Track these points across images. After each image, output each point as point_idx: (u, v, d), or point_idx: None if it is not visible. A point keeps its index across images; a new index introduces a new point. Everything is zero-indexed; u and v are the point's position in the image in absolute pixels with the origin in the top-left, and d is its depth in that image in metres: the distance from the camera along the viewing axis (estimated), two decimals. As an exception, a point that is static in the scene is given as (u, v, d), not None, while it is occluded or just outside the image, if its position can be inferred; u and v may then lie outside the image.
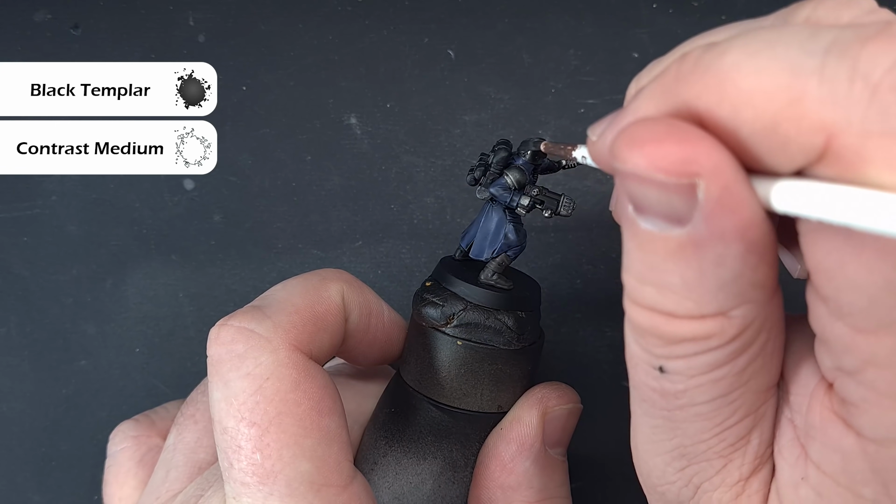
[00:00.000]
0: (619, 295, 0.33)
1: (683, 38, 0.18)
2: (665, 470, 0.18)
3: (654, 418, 0.17)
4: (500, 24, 0.34)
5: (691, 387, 0.16)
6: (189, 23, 0.35)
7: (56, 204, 0.36)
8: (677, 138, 0.13)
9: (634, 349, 0.16)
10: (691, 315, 0.15)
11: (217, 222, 0.36)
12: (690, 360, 0.15)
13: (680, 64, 0.14)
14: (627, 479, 0.36)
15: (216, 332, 0.22)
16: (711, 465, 0.17)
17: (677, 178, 0.13)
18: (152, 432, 0.29)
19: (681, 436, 0.17)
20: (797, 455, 0.17)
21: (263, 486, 0.20)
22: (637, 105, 0.15)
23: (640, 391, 0.17)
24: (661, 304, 0.15)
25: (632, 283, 0.15)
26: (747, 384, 0.16)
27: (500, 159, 0.24)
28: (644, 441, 0.18)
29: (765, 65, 0.13)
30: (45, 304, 0.36)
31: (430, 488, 0.24)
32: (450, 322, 0.24)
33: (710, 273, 0.14)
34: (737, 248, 0.14)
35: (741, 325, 0.15)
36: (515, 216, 0.25)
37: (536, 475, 0.24)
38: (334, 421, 0.22)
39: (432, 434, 0.24)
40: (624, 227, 0.15)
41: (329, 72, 0.35)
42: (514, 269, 0.27)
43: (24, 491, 0.37)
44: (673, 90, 0.14)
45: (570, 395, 0.26)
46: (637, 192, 0.14)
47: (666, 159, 0.13)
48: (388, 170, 0.35)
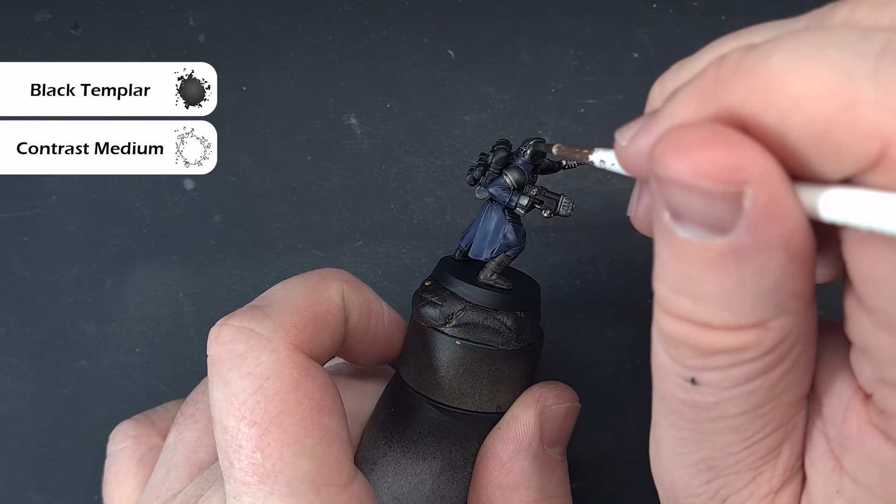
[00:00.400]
0: (620, 295, 0.33)
1: (683, 38, 0.18)
2: (690, 482, 0.18)
3: (680, 430, 0.17)
4: (500, 24, 0.34)
5: (724, 399, 0.15)
6: (189, 23, 0.35)
7: (56, 204, 0.36)
8: (724, 144, 0.13)
9: (664, 360, 0.16)
10: (728, 326, 0.14)
11: (217, 222, 0.36)
12: (725, 371, 0.15)
13: (719, 66, 0.14)
14: (628, 479, 0.36)
15: (216, 331, 0.22)
16: (740, 477, 0.17)
17: (724, 185, 0.13)
18: (152, 432, 0.29)
19: (709, 448, 0.17)
20: (831, 467, 0.16)
21: (264, 485, 0.20)
22: (673, 109, 0.15)
23: (667, 402, 0.17)
24: (697, 315, 0.14)
25: (665, 292, 0.15)
26: (780, 396, 0.16)
27: (500, 159, 0.24)
28: (668, 453, 0.18)
29: (815, 68, 0.12)
30: (45, 304, 0.36)
31: (430, 488, 0.24)
32: (448, 322, 0.24)
33: (750, 283, 0.14)
34: (779, 258, 0.13)
35: (778, 336, 0.14)
36: (515, 216, 0.25)
37: (535, 474, 0.24)
38: (335, 420, 0.22)
39: (431, 434, 0.24)
40: (658, 236, 0.14)
41: (329, 72, 0.35)
42: (514, 269, 0.27)
43: (24, 491, 0.37)
44: (713, 94, 0.14)
45: (567, 393, 0.25)
46: (678, 200, 0.13)
47: (712, 166, 0.13)
48: (388, 170, 0.35)
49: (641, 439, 0.30)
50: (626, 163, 0.17)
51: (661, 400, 0.17)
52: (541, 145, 0.24)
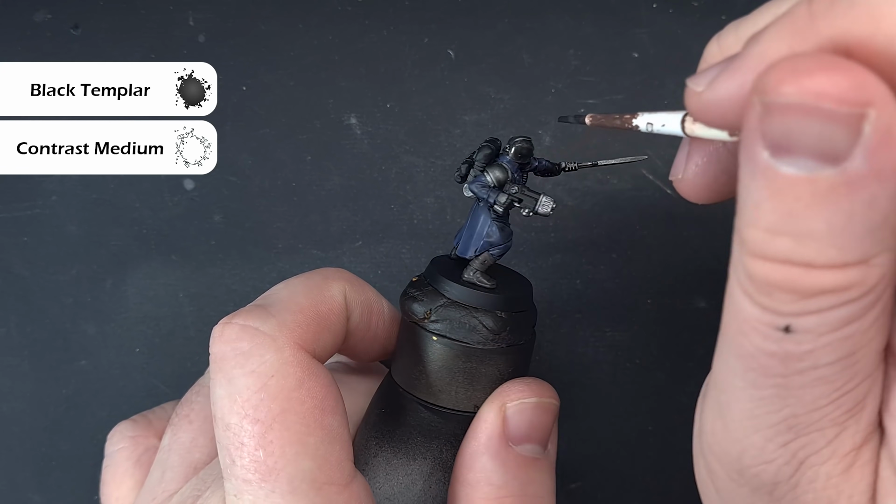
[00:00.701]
0: (620, 295, 0.33)
1: (683, 38, 0.18)
2: (765, 447, 0.17)
3: (762, 389, 0.16)
4: (500, 24, 0.34)
5: (819, 346, 0.15)
6: (189, 23, 0.35)
7: (56, 204, 0.36)
8: (845, 68, 0.13)
9: (751, 311, 0.15)
10: (834, 264, 0.14)
11: (217, 222, 0.36)
12: (824, 315, 0.14)
13: (811, 3, 0.14)
14: (627, 478, 0.36)
15: (220, 329, 0.22)
16: (823, 434, 0.16)
17: (849, 107, 0.13)
18: (149, 432, 0.29)
19: (794, 405, 0.16)
20: None
21: (265, 483, 0.20)
22: (762, 49, 0.14)
23: (750, 359, 0.16)
24: (800, 255, 0.14)
25: (759, 236, 0.14)
26: (870, 343, 0.15)
27: (483, 157, 0.24)
28: (742, 417, 0.17)
29: None
30: (45, 304, 0.36)
31: (421, 488, 0.24)
32: (428, 317, 0.24)
33: (859, 216, 0.13)
34: (892, 188, 0.13)
35: (879, 273, 0.14)
36: (500, 214, 0.25)
37: (496, 472, 0.24)
38: (336, 420, 0.22)
39: (422, 435, 0.24)
40: (752, 177, 0.14)
41: (329, 72, 0.35)
42: (509, 270, 0.27)
43: (24, 491, 0.37)
44: (810, 28, 0.14)
45: (536, 389, 0.25)
46: (789, 129, 0.13)
47: (837, 87, 0.12)
48: (388, 170, 0.35)
49: (642, 439, 0.30)
50: (704, 109, 0.16)
51: (741, 357, 0.16)
52: (524, 143, 0.24)
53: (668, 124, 0.18)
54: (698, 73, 0.16)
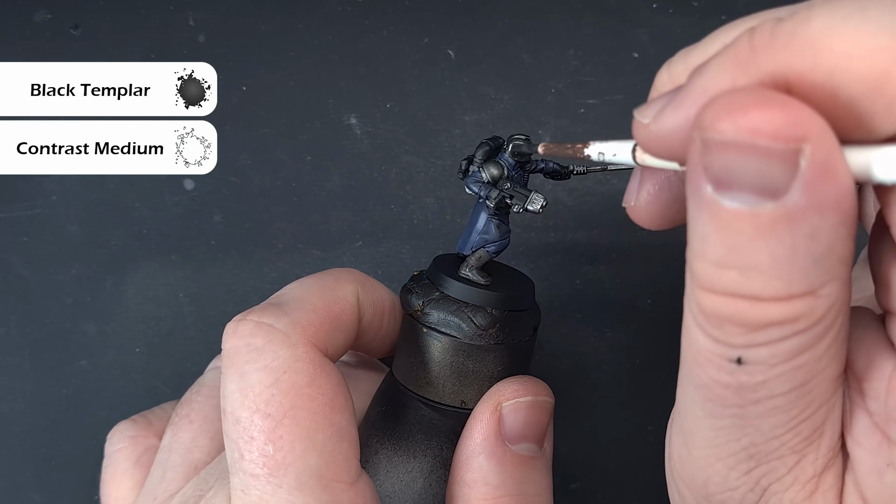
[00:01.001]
0: (620, 295, 0.33)
1: (683, 38, 0.18)
2: (728, 475, 0.17)
3: (720, 418, 0.16)
4: (500, 24, 0.34)
5: (771, 377, 0.15)
6: (189, 23, 0.35)
7: (56, 204, 0.36)
8: (780, 104, 0.13)
9: (704, 343, 0.15)
10: (780, 296, 0.14)
11: (217, 222, 0.36)
12: (774, 346, 0.15)
13: (752, 36, 0.14)
14: (627, 478, 0.36)
15: (234, 326, 0.22)
16: (784, 462, 0.16)
17: (784, 143, 0.13)
18: (149, 432, 0.29)
19: (752, 434, 0.16)
20: (878, 442, 0.16)
21: (273, 477, 0.20)
22: (705, 81, 0.15)
23: (706, 390, 0.16)
24: (746, 288, 0.14)
25: (707, 269, 0.14)
26: (824, 371, 0.15)
27: (482, 154, 0.25)
28: (704, 446, 0.17)
29: (862, 26, 0.12)
30: (45, 304, 0.36)
31: (421, 486, 0.24)
32: (421, 309, 0.25)
33: (802, 248, 0.13)
34: (832, 220, 0.13)
35: (827, 304, 0.14)
36: (501, 212, 0.25)
37: (493, 471, 0.24)
38: (345, 418, 0.22)
39: (422, 432, 0.25)
40: (698, 212, 0.14)
41: (329, 72, 0.35)
42: (514, 270, 0.27)
43: (24, 491, 0.37)
44: (751, 62, 0.14)
45: (530, 387, 0.25)
46: (728, 165, 0.13)
47: (771, 124, 0.13)
48: (388, 170, 0.35)
49: (642, 439, 0.30)
50: (651, 142, 0.16)
51: (699, 388, 0.16)
52: (520, 141, 0.24)
53: (619, 154, 0.19)
54: (646, 105, 0.16)
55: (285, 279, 0.36)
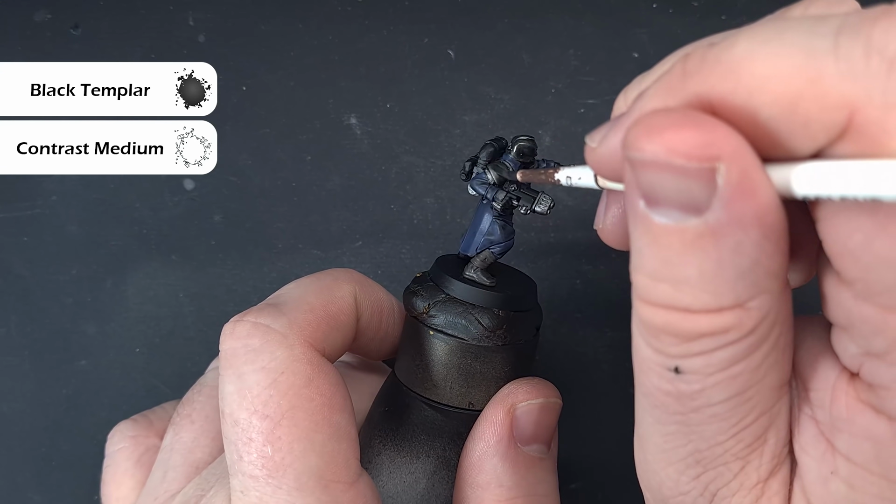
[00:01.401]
0: (620, 295, 0.33)
1: (683, 37, 0.18)
2: (679, 480, 0.18)
3: (667, 425, 0.17)
4: (500, 24, 0.34)
5: (708, 385, 0.15)
6: (189, 23, 0.35)
7: (56, 204, 0.36)
8: (695, 124, 0.13)
9: (646, 352, 0.16)
10: (709, 308, 0.14)
11: (217, 222, 0.36)
12: (708, 356, 0.15)
13: (685, 62, 0.14)
14: (627, 478, 0.36)
15: (231, 327, 0.22)
16: (729, 468, 0.17)
17: (698, 162, 0.13)
18: (150, 432, 0.29)
19: (696, 440, 0.17)
20: (823, 450, 0.17)
21: (272, 478, 0.20)
22: (641, 105, 0.15)
23: (651, 397, 0.17)
24: (677, 300, 0.15)
25: (644, 281, 0.15)
26: (763, 380, 0.16)
27: (487, 155, 0.25)
28: (655, 451, 0.18)
29: (778, 50, 0.13)
30: (45, 304, 0.36)
31: (424, 487, 0.24)
32: (426, 311, 0.25)
33: (727, 262, 0.14)
34: (755, 235, 0.14)
35: (758, 316, 0.15)
36: (505, 213, 0.25)
37: (506, 473, 0.24)
38: (344, 418, 0.22)
39: (425, 433, 0.25)
40: (634, 226, 0.15)
41: (329, 72, 0.35)
42: (515, 270, 0.27)
43: (24, 491, 0.37)
44: (681, 86, 0.14)
45: (541, 389, 0.25)
46: (653, 182, 0.14)
47: (686, 144, 0.13)
48: (388, 170, 0.35)
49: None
50: (598, 163, 0.17)
51: (645, 395, 0.17)
52: (526, 142, 0.24)
53: (583, 178, 0.19)
54: (595, 130, 0.17)
55: (285, 279, 0.36)
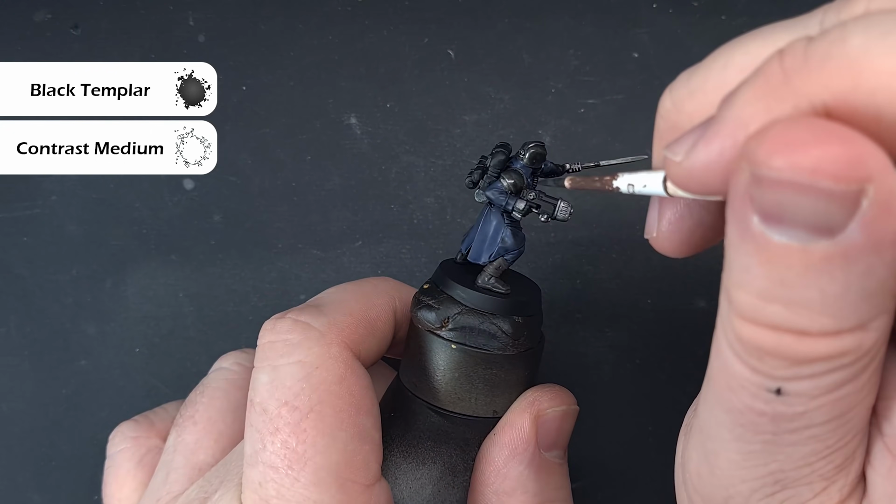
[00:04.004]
0: (620, 295, 0.33)
1: (683, 37, 0.18)
2: (751, 497, 0.17)
3: (751, 444, 0.16)
4: (500, 24, 0.34)
5: (812, 408, 0.14)
6: (189, 23, 0.35)
7: (56, 204, 0.36)
8: (839, 139, 0.12)
9: (740, 370, 0.15)
10: (827, 332, 0.13)
11: (217, 222, 0.36)
12: (818, 380, 0.14)
13: (783, 59, 0.13)
14: (628, 479, 0.36)
15: (272, 323, 0.22)
16: (811, 488, 0.16)
17: (846, 184, 0.12)
18: (151, 433, 0.29)
19: (782, 460, 0.16)
20: (889, 465, 0.16)
21: (291, 470, 0.20)
22: (738, 112, 0.14)
23: (739, 415, 0.15)
24: (791, 322, 0.13)
25: (750, 301, 0.14)
26: (864, 401, 0.15)
27: (498, 162, 0.24)
28: (729, 467, 0.17)
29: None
30: (45, 304, 0.36)
31: (430, 493, 0.24)
32: (445, 325, 0.24)
33: (855, 285, 0.13)
34: (889, 256, 0.13)
35: (876, 337, 0.14)
36: (514, 220, 0.25)
37: (531, 479, 0.24)
38: (370, 421, 0.22)
39: (431, 439, 0.24)
40: (742, 241, 0.13)
41: (329, 72, 0.35)
42: (514, 272, 0.27)
43: (24, 491, 0.37)
44: (785, 87, 0.13)
45: (563, 396, 0.25)
46: (780, 202, 0.12)
47: (833, 164, 0.12)
48: (388, 170, 0.35)
49: (642, 439, 0.30)
50: (685, 179, 0.15)
51: (730, 412, 0.16)
52: (539, 148, 0.24)
53: (649, 185, 0.18)
54: (676, 141, 0.16)
55: (285, 279, 0.36)
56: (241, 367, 0.28)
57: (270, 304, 0.36)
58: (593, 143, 0.34)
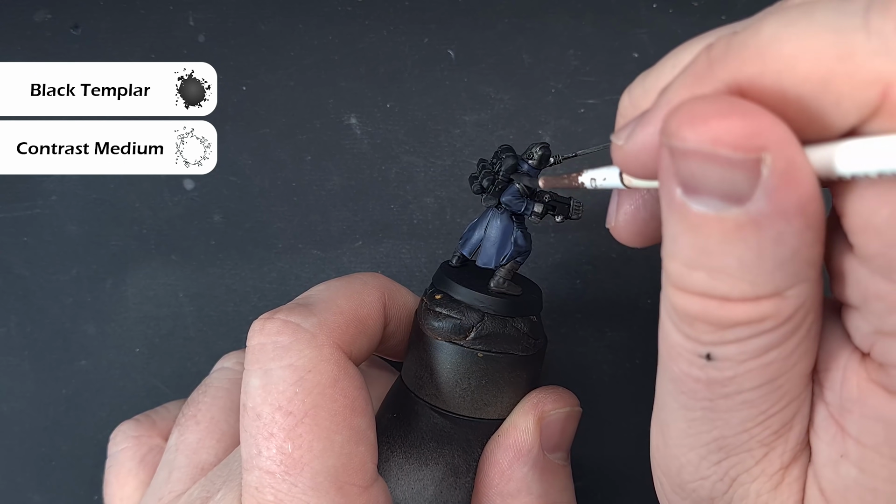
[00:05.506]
0: (620, 295, 0.33)
1: (683, 37, 0.18)
2: (700, 465, 0.17)
3: (693, 411, 0.17)
4: (500, 24, 0.34)
5: (741, 373, 0.15)
6: (189, 23, 0.35)
7: (56, 204, 0.36)
8: (740, 112, 0.13)
9: (676, 338, 0.16)
10: (746, 297, 0.14)
11: (217, 222, 0.36)
12: (742, 344, 0.15)
13: (709, 51, 0.14)
14: (628, 479, 0.36)
15: (261, 323, 0.22)
16: (752, 455, 0.17)
17: (744, 153, 0.13)
18: (153, 432, 0.29)
19: (721, 426, 0.16)
20: (833, 433, 0.16)
21: (289, 475, 0.20)
22: (669, 98, 0.15)
23: (679, 383, 0.16)
24: (714, 289, 0.14)
25: (678, 269, 0.15)
26: (794, 367, 0.16)
27: (509, 167, 0.24)
28: (677, 436, 0.18)
29: (806, 29, 0.13)
30: (45, 304, 0.36)
31: (432, 494, 0.24)
32: (468, 335, 0.24)
33: (768, 252, 0.14)
34: (797, 224, 0.13)
35: (795, 305, 0.15)
36: (521, 221, 0.25)
37: (535, 481, 0.24)
38: (365, 422, 0.22)
39: (434, 440, 0.24)
40: (669, 213, 0.15)
41: (329, 72, 0.35)
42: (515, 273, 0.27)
43: (24, 491, 0.37)
44: (708, 74, 0.14)
45: (566, 398, 0.25)
46: (693, 172, 0.13)
47: (732, 134, 0.13)
48: (388, 170, 0.35)
49: (641, 439, 0.30)
50: (626, 161, 0.17)
51: (672, 381, 0.17)
52: (547, 150, 0.24)
53: (608, 178, 0.19)
54: (620, 129, 0.17)
55: (285, 279, 0.36)
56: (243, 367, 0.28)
57: (270, 305, 0.36)
58: (593, 143, 0.34)
